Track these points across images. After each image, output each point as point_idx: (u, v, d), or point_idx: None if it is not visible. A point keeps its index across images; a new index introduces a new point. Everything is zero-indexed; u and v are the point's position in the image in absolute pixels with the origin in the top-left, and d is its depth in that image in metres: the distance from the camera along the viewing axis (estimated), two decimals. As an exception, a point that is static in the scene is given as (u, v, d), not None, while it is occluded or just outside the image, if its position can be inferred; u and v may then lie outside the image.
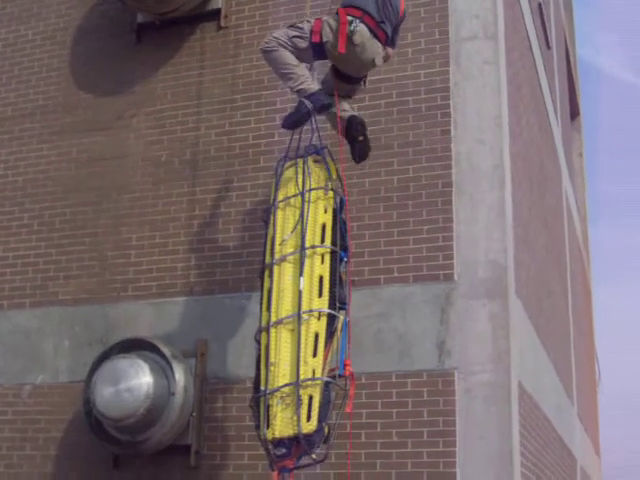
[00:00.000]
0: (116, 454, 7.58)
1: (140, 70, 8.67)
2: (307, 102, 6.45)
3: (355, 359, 6.29)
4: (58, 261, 8.40)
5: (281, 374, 5.91)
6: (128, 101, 8.63)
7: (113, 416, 7.08)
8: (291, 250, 6.30)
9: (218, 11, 8.49)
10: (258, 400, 5.95)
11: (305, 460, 5.83)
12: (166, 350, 7.39)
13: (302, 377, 5.82)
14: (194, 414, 7.44)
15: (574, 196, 17.05)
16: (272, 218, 6.49)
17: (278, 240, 6.37)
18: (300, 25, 6.54)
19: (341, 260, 6.32)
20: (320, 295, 6.14)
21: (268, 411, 5.83)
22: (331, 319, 6.07)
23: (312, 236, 6.32)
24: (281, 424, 5.77)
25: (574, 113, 20.33)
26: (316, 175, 6.55)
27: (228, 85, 8.32)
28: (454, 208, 7.36)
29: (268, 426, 5.79)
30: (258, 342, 6.22)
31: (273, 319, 6.10)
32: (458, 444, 6.86)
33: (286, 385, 5.85)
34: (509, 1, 8.58)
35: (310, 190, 6.45)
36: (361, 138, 6.58)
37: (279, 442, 5.76)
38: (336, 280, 6.20)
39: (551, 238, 11.63)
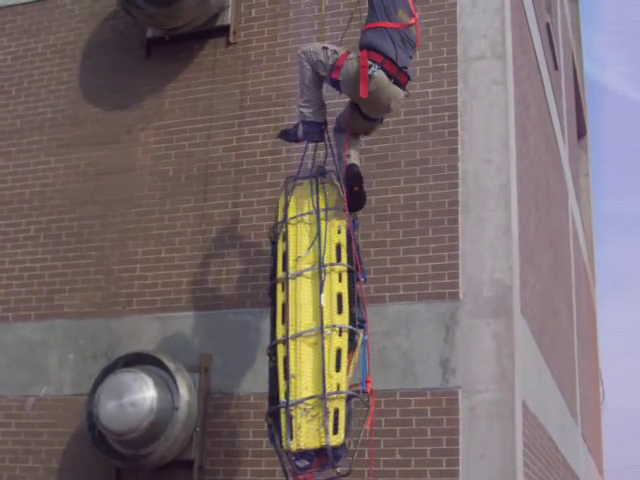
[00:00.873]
0: (119, 468, 7.57)
1: (149, 85, 8.70)
2: (300, 130, 6.60)
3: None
4: (64, 274, 8.41)
5: (303, 386, 5.91)
6: (136, 115, 8.66)
7: (116, 430, 7.08)
8: (308, 266, 6.31)
9: (227, 27, 8.53)
10: (277, 412, 5.91)
11: (328, 474, 5.82)
12: (170, 364, 7.40)
13: (327, 390, 5.83)
14: (197, 429, 7.44)
15: (580, 216, 17.05)
16: (283, 234, 6.50)
17: (292, 256, 6.37)
18: (329, 53, 6.47)
19: (357, 280, 6.37)
20: (340, 312, 6.17)
21: (291, 422, 5.79)
22: (351, 335, 6.11)
23: (329, 254, 6.35)
24: (307, 436, 5.76)
25: (581, 132, 20.36)
26: (330, 195, 6.59)
27: (236, 101, 8.35)
28: (460, 227, 7.37)
29: (291, 437, 5.76)
30: (271, 356, 6.20)
31: (292, 332, 6.09)
32: (461, 463, 6.85)
33: (311, 397, 5.84)
34: (517, 21, 8.61)
35: (326, 209, 6.49)
36: (356, 189, 6.57)
37: (303, 454, 5.74)
38: (354, 298, 6.24)
39: (557, 258, 11.63)
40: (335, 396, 5.84)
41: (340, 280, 6.29)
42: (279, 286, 6.34)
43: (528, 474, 7.43)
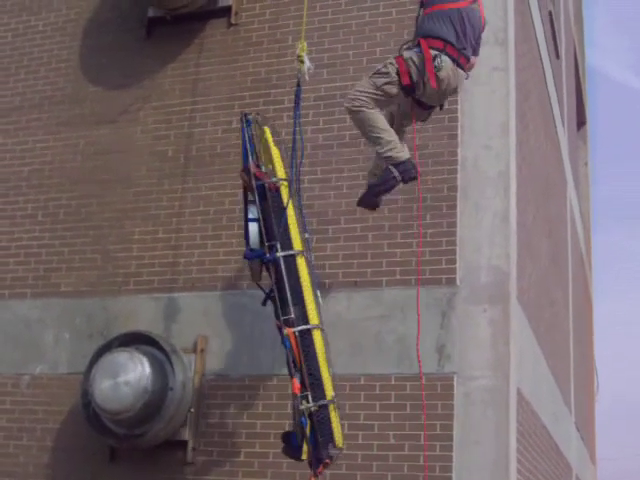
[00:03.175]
0: (112, 447, 7.58)
1: (149, 64, 8.66)
2: (395, 172, 6.11)
3: (355, 360, 6.31)
4: (61, 252, 8.40)
5: (328, 383, 5.87)
6: (136, 95, 8.63)
7: (111, 409, 7.08)
8: (299, 248, 6.21)
9: (229, 8, 8.48)
10: (325, 407, 5.78)
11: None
12: (166, 345, 7.40)
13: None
14: (192, 410, 7.44)
15: (578, 205, 17.05)
16: (291, 195, 6.22)
17: (295, 229, 6.18)
18: (384, 70, 6.13)
19: None
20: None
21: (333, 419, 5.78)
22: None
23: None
24: (341, 434, 5.81)
25: (580, 122, 20.33)
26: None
27: (236, 82, 8.32)
28: (458, 213, 7.35)
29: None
30: (299, 335, 5.91)
31: (316, 320, 5.97)
32: (455, 449, 6.86)
33: (334, 396, 5.85)
34: (520, 9, 8.58)
35: (295, 186, 6.40)
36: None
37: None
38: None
39: (554, 246, 11.63)
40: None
41: None
42: (299, 258, 6.10)
43: (521, 461, 7.45)
